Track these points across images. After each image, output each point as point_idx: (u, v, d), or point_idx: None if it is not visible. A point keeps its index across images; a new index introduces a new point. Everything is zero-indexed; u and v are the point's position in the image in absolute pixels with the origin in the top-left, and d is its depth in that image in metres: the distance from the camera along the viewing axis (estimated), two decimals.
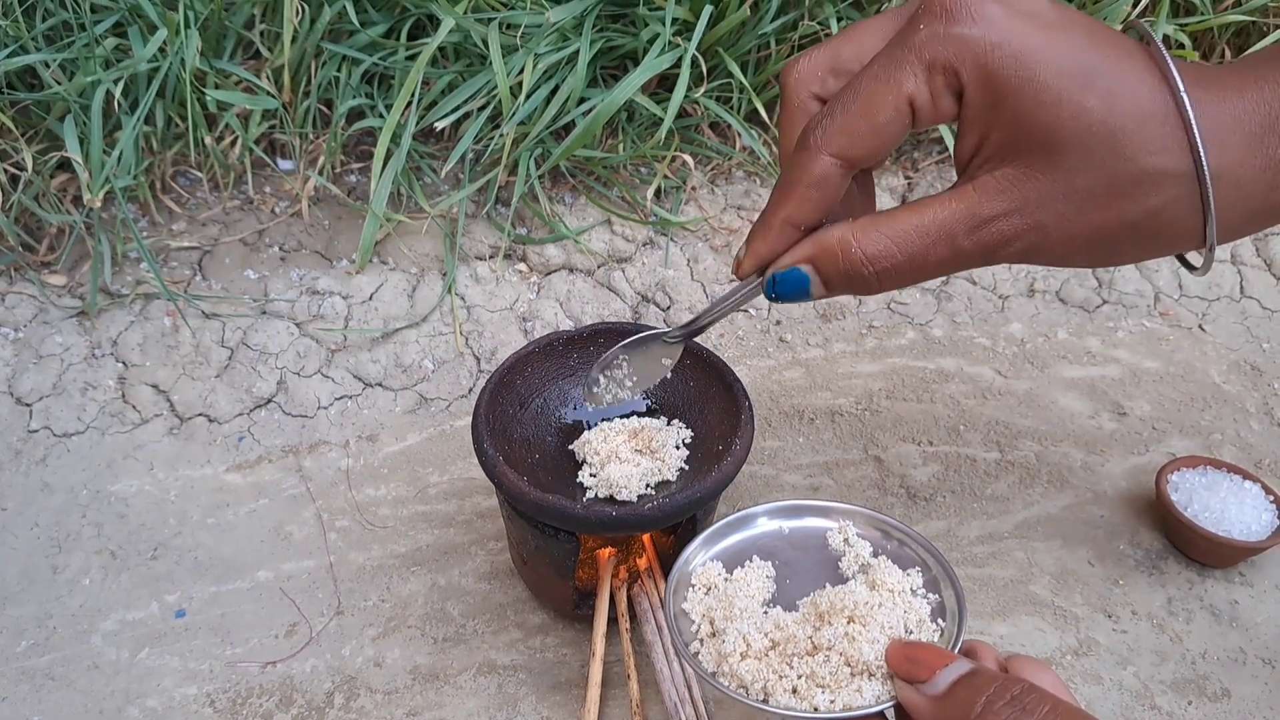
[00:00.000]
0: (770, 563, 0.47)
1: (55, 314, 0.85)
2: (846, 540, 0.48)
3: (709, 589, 0.46)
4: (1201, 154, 0.35)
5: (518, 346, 0.66)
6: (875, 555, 0.47)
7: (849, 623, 0.41)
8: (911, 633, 0.41)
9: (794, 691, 0.39)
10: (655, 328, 0.57)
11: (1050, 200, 0.36)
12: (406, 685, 0.63)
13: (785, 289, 0.43)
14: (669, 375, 0.58)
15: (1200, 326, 0.96)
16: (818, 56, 0.43)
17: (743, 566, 0.47)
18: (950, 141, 0.99)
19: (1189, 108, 0.35)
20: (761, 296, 0.45)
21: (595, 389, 0.57)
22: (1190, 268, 0.44)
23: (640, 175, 1.00)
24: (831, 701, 0.38)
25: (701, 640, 0.43)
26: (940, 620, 0.42)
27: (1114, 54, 0.36)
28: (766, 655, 0.41)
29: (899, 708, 0.37)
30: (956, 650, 0.39)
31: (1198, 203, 0.36)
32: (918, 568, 0.45)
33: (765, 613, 0.44)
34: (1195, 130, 0.35)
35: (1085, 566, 0.72)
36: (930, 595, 0.44)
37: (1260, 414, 0.86)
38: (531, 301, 0.91)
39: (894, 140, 0.39)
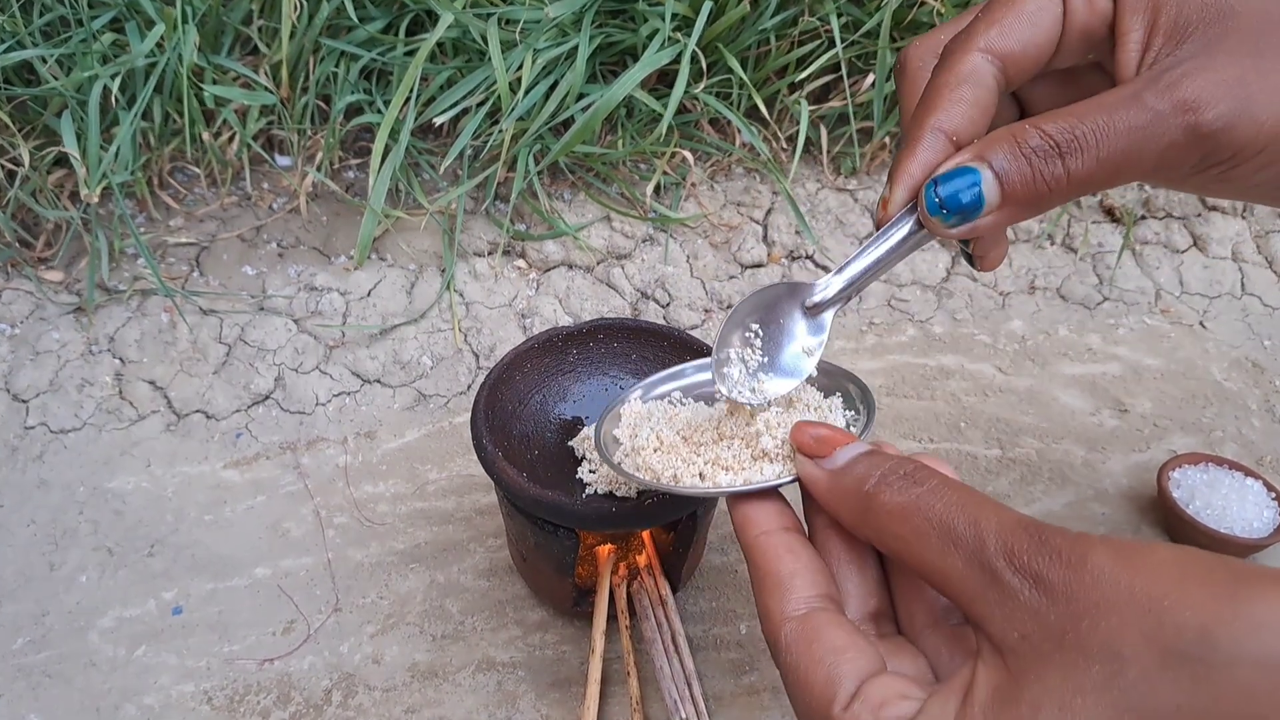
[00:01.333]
0: (702, 403, 0.48)
1: (52, 310, 0.84)
2: None
3: (638, 419, 0.48)
4: None
5: (516, 343, 0.66)
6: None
7: (753, 415, 0.43)
8: None
9: (700, 476, 0.41)
10: (786, 282, 0.45)
11: (1241, 58, 0.33)
12: (405, 682, 0.63)
13: (952, 192, 0.35)
14: (814, 374, 0.44)
15: (1201, 324, 0.96)
16: (935, 31, 0.40)
17: (675, 405, 0.49)
18: None
19: None
20: (921, 241, 0.38)
21: (726, 368, 0.43)
22: None
23: (639, 171, 0.99)
24: (733, 480, 0.40)
25: (626, 454, 0.45)
26: (853, 429, 0.43)
27: None
28: (676, 448, 0.44)
29: (802, 487, 0.37)
30: None
31: None
32: (839, 395, 0.46)
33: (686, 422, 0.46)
34: None
35: None
36: (847, 412, 0.44)
37: (1261, 411, 0.86)
38: (530, 298, 0.91)
39: (1047, 35, 0.36)
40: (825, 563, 0.35)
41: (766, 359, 0.43)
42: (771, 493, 0.38)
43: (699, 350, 0.63)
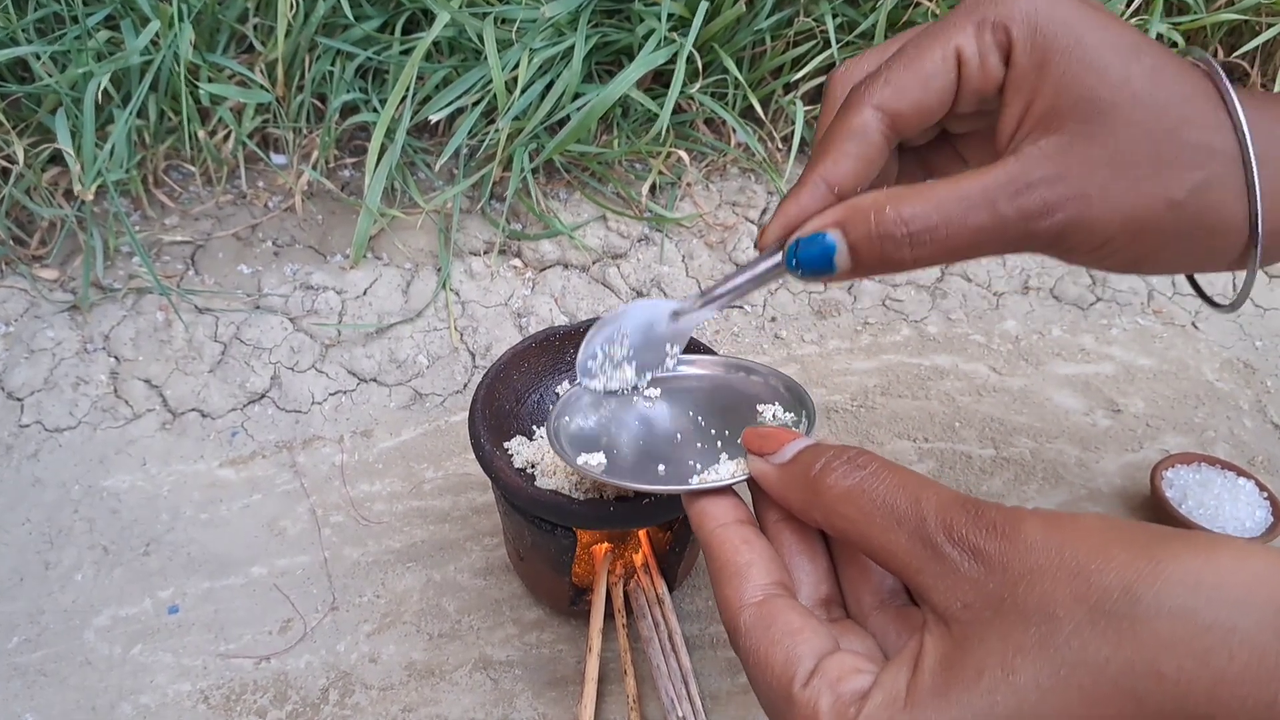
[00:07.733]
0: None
1: (47, 308, 0.84)
2: None
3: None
4: (1246, 133, 0.35)
5: (512, 342, 0.66)
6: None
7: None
8: None
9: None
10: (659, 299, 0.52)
11: (1094, 167, 0.35)
12: (402, 681, 0.63)
13: (808, 255, 0.39)
14: (671, 364, 0.51)
15: (1193, 324, 0.96)
16: (867, 55, 0.42)
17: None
18: None
19: (1232, 93, 0.36)
20: (783, 274, 0.41)
21: (590, 363, 0.49)
22: (1215, 305, 0.45)
23: (635, 171, 1.00)
24: (689, 481, 0.42)
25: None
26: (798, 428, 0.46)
27: (1158, 44, 0.37)
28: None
29: (753, 483, 0.39)
30: None
31: (1243, 188, 0.36)
32: (778, 402, 0.49)
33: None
34: (1239, 110, 0.35)
35: None
36: (787, 414, 0.48)
37: (1253, 411, 0.87)
38: (526, 297, 0.91)
39: (938, 98, 0.38)
40: (778, 554, 0.38)
41: (631, 353, 0.49)
42: (725, 490, 0.40)
43: (696, 350, 0.63)
